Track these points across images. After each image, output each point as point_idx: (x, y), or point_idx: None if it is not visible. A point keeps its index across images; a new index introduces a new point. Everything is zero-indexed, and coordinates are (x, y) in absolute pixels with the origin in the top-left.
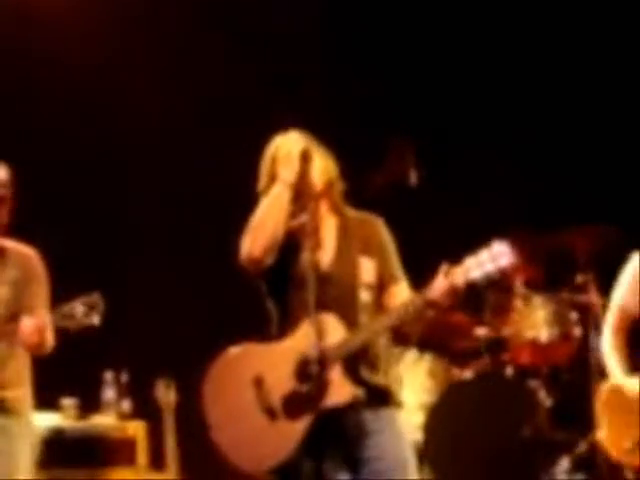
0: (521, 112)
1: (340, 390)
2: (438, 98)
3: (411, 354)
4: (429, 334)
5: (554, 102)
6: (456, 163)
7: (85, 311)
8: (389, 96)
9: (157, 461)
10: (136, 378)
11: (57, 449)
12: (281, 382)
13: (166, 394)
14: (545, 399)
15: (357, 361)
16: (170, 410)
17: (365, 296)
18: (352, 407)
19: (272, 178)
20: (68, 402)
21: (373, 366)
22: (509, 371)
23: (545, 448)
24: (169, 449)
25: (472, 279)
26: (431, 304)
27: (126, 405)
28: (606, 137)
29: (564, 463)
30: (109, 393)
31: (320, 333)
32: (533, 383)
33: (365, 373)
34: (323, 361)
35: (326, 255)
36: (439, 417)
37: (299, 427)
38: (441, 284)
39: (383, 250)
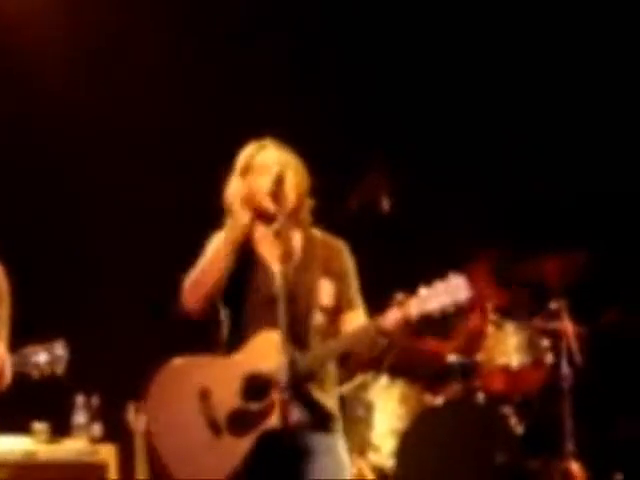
0: (492, 138)
1: (285, 412)
2: (412, 123)
3: (383, 380)
4: (400, 360)
5: (524, 129)
6: (427, 190)
7: (48, 360)
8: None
9: None
10: (107, 402)
11: (29, 473)
12: (227, 398)
13: (137, 418)
14: (516, 426)
15: (306, 383)
16: (141, 434)
17: (319, 318)
18: (296, 429)
19: (249, 187)
20: (39, 426)
21: (322, 389)
22: (481, 397)
23: (517, 475)
24: (140, 473)
25: (427, 311)
26: (383, 333)
27: (97, 429)
28: (576, 162)
29: None
30: (80, 417)
31: (269, 352)
32: (505, 410)
33: (313, 395)
34: (271, 381)
35: (289, 275)
36: (411, 443)
37: (243, 445)
38: (394, 314)
39: (344, 275)
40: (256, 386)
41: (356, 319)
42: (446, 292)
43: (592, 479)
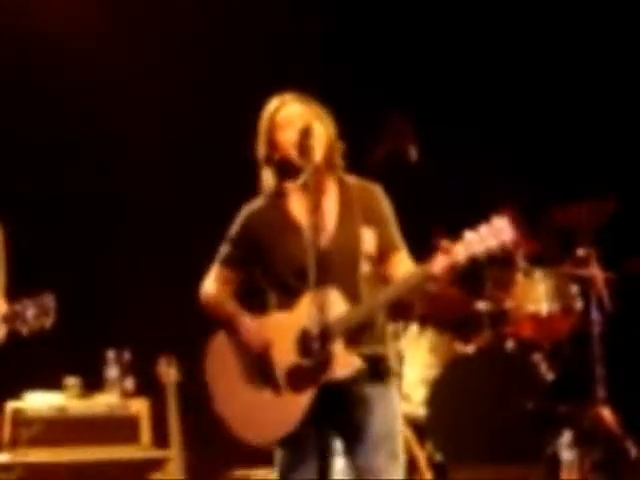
0: (521, 89)
1: (343, 364)
2: (438, 73)
3: (413, 329)
4: (429, 309)
5: (553, 79)
6: (455, 139)
7: (36, 313)
8: (387, 71)
9: (160, 438)
10: (139, 356)
11: (61, 428)
12: (284, 356)
13: (168, 372)
14: (547, 373)
15: (359, 334)
16: (173, 388)
17: (365, 267)
18: (354, 380)
19: (272, 146)
20: (71, 381)
21: (375, 338)
22: (510, 345)
23: (547, 421)
24: (172, 426)
25: (473, 254)
26: (432, 279)
27: (129, 383)
28: (603, 115)
29: (567, 436)
30: (112, 371)
31: (322, 307)
32: (535, 357)
33: (367, 346)
34: (325, 335)
35: (328, 228)
36: (441, 392)
37: (302, 400)
38: (442, 260)
39: (383, 219)
40: (311, 342)
41: (401, 262)
42: (490, 234)
43: (623, 424)
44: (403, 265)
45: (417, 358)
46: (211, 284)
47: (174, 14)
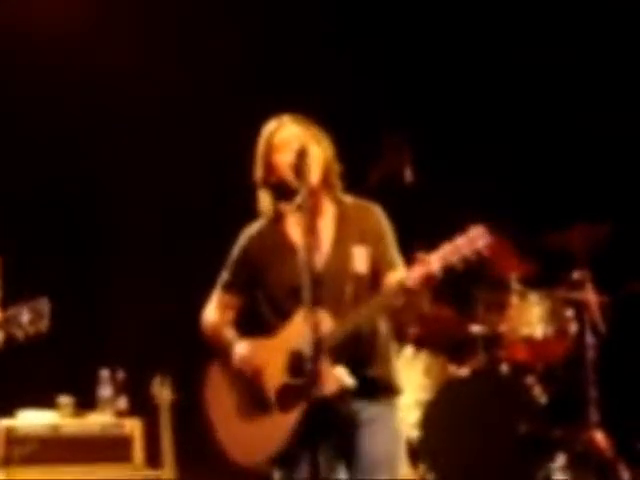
0: (517, 111)
1: (330, 381)
2: (434, 94)
3: (407, 351)
4: (424, 331)
5: (549, 100)
6: (451, 161)
7: (31, 318)
8: (385, 92)
9: (153, 458)
10: (132, 376)
11: (54, 447)
12: (274, 376)
13: (162, 391)
14: (540, 396)
15: (349, 352)
16: (166, 407)
17: (356, 288)
18: (342, 398)
19: (269, 168)
20: (65, 400)
21: (367, 357)
22: (504, 368)
23: (541, 445)
24: (165, 446)
25: (449, 263)
26: (407, 291)
27: (122, 402)
28: (601, 137)
29: (560, 460)
30: (106, 391)
31: (312, 327)
32: (529, 380)
33: (357, 364)
34: (314, 354)
35: (322, 249)
36: (435, 414)
37: (291, 419)
38: (416, 271)
39: (380, 237)
40: (301, 361)
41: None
42: (466, 243)
43: (615, 448)
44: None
45: (411, 380)
46: (212, 310)
47: (170, 22)
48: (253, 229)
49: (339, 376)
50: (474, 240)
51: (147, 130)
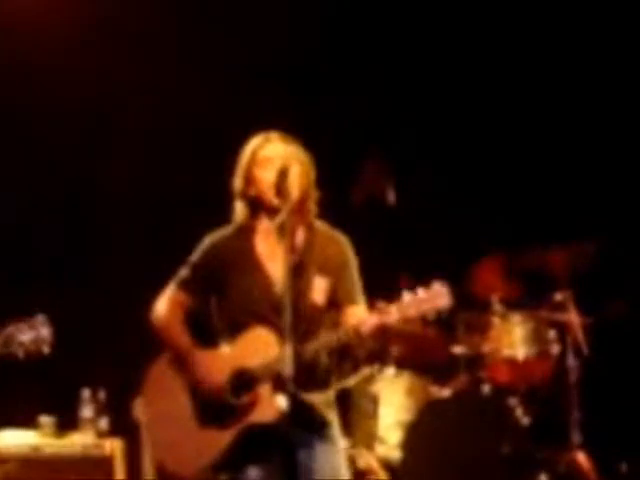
0: (499, 132)
1: (267, 408)
2: (415, 117)
3: (389, 372)
4: (406, 352)
5: (531, 118)
6: (431, 182)
7: (33, 338)
8: (366, 113)
9: (134, 479)
10: (114, 396)
11: (35, 467)
12: (216, 391)
13: (144, 412)
14: (522, 417)
15: (296, 379)
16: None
17: (309, 316)
18: (280, 424)
19: (249, 181)
20: (46, 420)
21: (308, 385)
22: (486, 389)
23: (523, 466)
24: (146, 467)
25: (406, 316)
26: (360, 337)
27: (104, 423)
28: (582, 155)
29: None
30: (87, 411)
31: (258, 348)
32: (511, 401)
33: (304, 391)
34: (256, 377)
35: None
36: (417, 435)
37: (224, 437)
38: (371, 320)
39: (341, 269)
40: (243, 381)
41: (355, 314)
42: (427, 299)
43: (598, 469)
44: (356, 317)
45: (393, 401)
46: (163, 305)
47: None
48: (219, 235)
49: (279, 404)
50: (436, 298)
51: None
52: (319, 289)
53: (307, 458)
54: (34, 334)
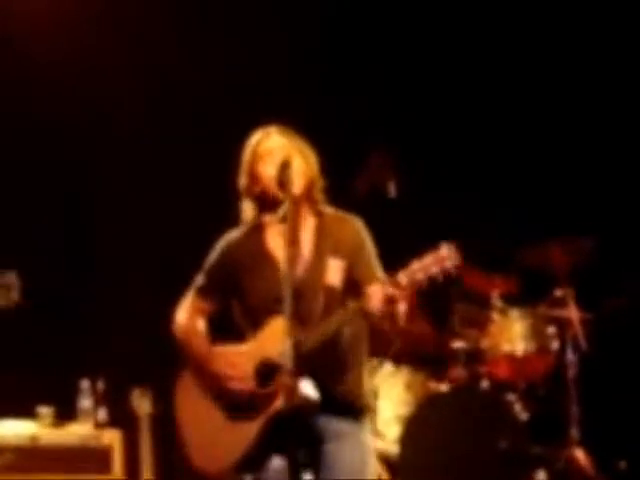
0: (500, 126)
1: (292, 395)
2: (418, 109)
3: (388, 366)
4: (405, 347)
5: (530, 115)
6: (435, 174)
7: (1, 292)
8: (370, 105)
9: (132, 470)
10: (113, 387)
11: (33, 457)
12: (242, 384)
13: (142, 403)
14: (521, 413)
15: (317, 366)
16: (146, 419)
17: (327, 300)
18: (308, 412)
19: (253, 177)
20: (44, 410)
21: (334, 372)
22: (485, 384)
23: (521, 462)
24: (145, 458)
25: (415, 282)
26: (367, 310)
27: (102, 414)
28: (583, 150)
29: (540, 477)
30: (85, 402)
31: (279, 338)
32: (509, 397)
33: (323, 378)
34: (280, 365)
35: (301, 262)
36: (415, 429)
37: (253, 428)
38: (375, 292)
39: (357, 250)
40: (268, 371)
41: None
42: (434, 262)
43: (596, 466)
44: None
45: (392, 395)
46: (184, 313)
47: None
48: (232, 236)
49: (305, 390)
50: (443, 259)
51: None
52: (334, 271)
53: (335, 450)
54: (3, 289)
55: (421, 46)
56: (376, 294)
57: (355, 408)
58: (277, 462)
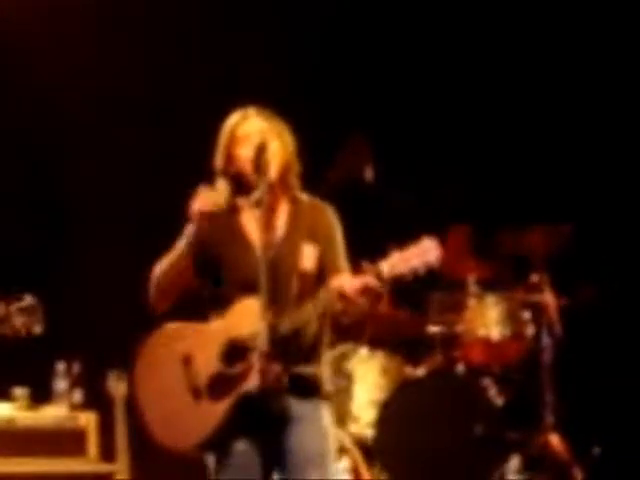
0: (475, 111)
1: (259, 377)
2: (394, 96)
3: (364, 351)
4: (380, 331)
5: (507, 99)
6: (411, 161)
7: (25, 320)
8: (346, 92)
9: (108, 452)
10: (88, 369)
11: (8, 439)
12: (208, 363)
13: (118, 386)
14: (496, 397)
15: (285, 349)
16: (121, 402)
17: (299, 284)
18: (275, 393)
19: (229, 159)
20: (20, 392)
21: (302, 355)
22: (461, 369)
23: (496, 446)
24: (120, 441)
25: (397, 273)
26: (342, 298)
27: (78, 396)
28: (561, 136)
29: (515, 462)
30: (61, 384)
31: (248, 318)
32: (485, 381)
33: (292, 361)
34: (249, 346)
35: (274, 245)
36: (391, 414)
37: (220, 408)
38: (352, 281)
39: (328, 239)
40: (236, 351)
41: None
42: (416, 255)
43: (571, 451)
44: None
45: (367, 380)
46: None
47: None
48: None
49: (273, 373)
50: (425, 253)
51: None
52: (308, 256)
53: (296, 433)
54: (26, 318)
55: (395, 32)
56: (351, 282)
57: (320, 392)
58: (241, 444)
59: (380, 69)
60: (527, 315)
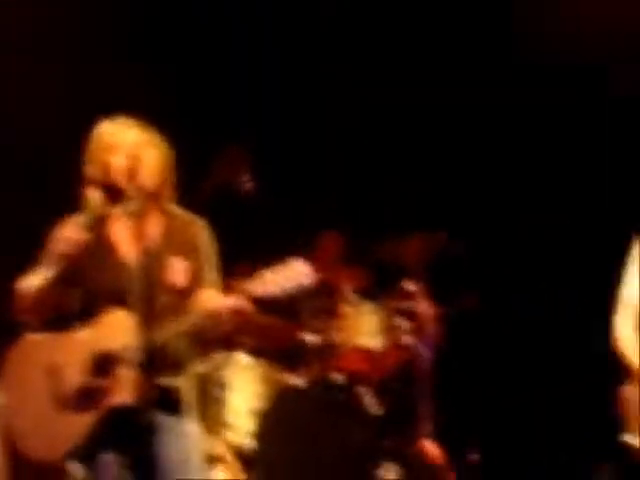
0: (357, 120)
1: (127, 390)
2: (272, 106)
3: (242, 359)
4: (258, 340)
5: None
6: (293, 170)
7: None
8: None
9: None
10: None
11: None
12: (75, 374)
13: None
14: (373, 406)
15: (154, 362)
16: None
17: (168, 298)
18: (143, 406)
19: (100, 168)
20: None
21: (169, 368)
22: (338, 378)
23: (373, 455)
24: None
25: (269, 293)
26: (216, 321)
27: None
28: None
29: (391, 470)
30: None
31: (117, 330)
32: (361, 390)
33: (160, 374)
34: (116, 359)
35: (143, 259)
36: (270, 423)
37: (84, 421)
38: (223, 301)
39: (198, 252)
40: (104, 363)
41: (208, 298)
42: (289, 277)
43: (449, 459)
44: (206, 303)
45: (246, 388)
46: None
47: None
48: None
49: (140, 387)
50: (298, 275)
51: None
52: (179, 269)
53: (161, 444)
54: None
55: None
56: (226, 304)
57: (183, 404)
58: (109, 456)
59: (256, 80)
60: (405, 324)
